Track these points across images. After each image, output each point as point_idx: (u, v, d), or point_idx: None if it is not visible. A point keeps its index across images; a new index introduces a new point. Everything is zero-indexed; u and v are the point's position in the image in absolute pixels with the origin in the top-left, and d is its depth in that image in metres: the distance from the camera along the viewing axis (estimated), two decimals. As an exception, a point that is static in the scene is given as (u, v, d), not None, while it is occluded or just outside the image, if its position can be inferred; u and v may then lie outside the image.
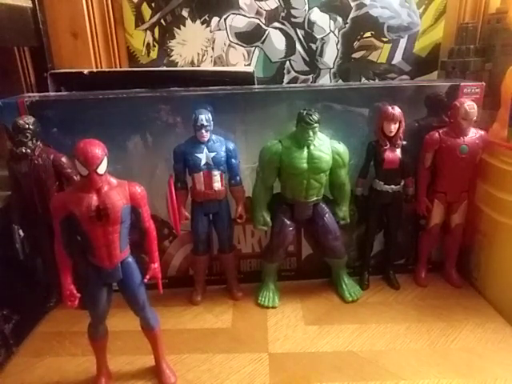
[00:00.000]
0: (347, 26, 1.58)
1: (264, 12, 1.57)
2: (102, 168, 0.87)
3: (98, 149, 0.87)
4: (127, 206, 0.92)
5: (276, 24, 1.58)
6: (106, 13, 1.54)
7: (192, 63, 1.62)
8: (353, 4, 1.56)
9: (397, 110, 1.22)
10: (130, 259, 0.97)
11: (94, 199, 0.88)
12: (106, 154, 0.89)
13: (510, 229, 1.21)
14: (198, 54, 1.61)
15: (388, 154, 1.26)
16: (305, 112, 1.16)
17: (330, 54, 1.62)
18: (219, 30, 1.58)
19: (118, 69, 1.60)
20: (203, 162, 1.21)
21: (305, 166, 1.19)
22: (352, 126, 1.31)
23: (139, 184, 0.95)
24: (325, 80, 1.65)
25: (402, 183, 1.32)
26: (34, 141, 1.17)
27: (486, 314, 1.26)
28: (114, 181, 0.93)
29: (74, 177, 1.20)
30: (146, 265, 0.99)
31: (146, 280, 0.98)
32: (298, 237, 1.41)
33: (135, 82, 1.39)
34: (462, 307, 1.30)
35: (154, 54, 1.61)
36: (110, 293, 0.98)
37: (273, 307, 1.33)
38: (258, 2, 1.55)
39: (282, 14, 1.57)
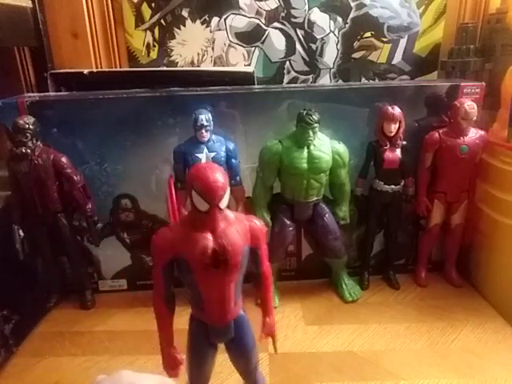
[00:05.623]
0: (347, 26, 1.58)
1: (264, 12, 1.57)
2: (225, 201, 0.70)
3: (221, 176, 0.69)
4: (248, 247, 0.75)
5: (276, 24, 1.58)
6: (106, 13, 1.54)
7: (192, 63, 1.62)
8: (353, 4, 1.56)
9: (397, 110, 1.22)
10: (242, 313, 0.81)
11: (209, 240, 0.70)
12: (228, 181, 0.71)
13: (510, 229, 1.21)
14: (198, 54, 1.61)
15: (388, 154, 1.26)
16: (305, 112, 1.16)
17: (330, 54, 1.61)
18: (219, 30, 1.58)
19: (118, 69, 1.60)
20: (203, 161, 1.21)
21: (305, 166, 1.19)
22: (352, 126, 1.31)
23: (255, 217, 0.79)
24: (325, 80, 1.65)
25: (402, 183, 1.32)
26: (34, 141, 1.17)
27: (485, 314, 1.26)
28: (231, 215, 0.74)
29: (74, 177, 1.20)
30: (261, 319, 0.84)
31: (260, 339, 0.82)
32: (298, 237, 1.41)
33: (135, 81, 1.39)
34: (461, 307, 1.30)
35: (154, 54, 1.61)
36: (215, 353, 0.83)
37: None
38: (257, 2, 1.55)
39: (282, 14, 1.57)
